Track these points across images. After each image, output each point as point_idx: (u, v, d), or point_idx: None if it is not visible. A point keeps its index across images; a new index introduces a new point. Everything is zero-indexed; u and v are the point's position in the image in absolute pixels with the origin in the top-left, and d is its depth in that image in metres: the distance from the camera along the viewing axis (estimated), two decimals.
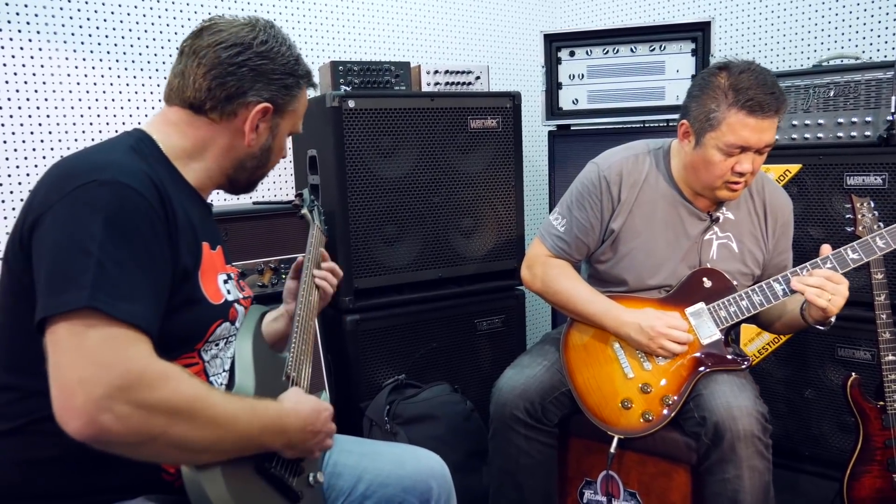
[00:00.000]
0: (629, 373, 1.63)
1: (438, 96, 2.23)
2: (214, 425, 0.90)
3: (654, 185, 1.68)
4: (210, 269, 1.09)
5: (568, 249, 1.74)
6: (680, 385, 1.59)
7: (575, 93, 2.46)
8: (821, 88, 2.19)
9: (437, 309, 2.27)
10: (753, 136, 1.49)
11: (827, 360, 2.23)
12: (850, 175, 2.13)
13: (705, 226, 1.67)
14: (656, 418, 1.59)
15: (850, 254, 1.55)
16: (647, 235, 1.66)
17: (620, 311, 1.63)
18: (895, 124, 2.07)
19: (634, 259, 1.67)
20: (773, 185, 1.77)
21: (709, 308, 1.61)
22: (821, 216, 2.20)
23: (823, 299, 1.47)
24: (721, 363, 1.60)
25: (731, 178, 1.55)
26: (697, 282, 1.64)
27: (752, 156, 1.53)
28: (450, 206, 2.26)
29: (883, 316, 1.89)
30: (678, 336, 1.56)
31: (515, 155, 2.35)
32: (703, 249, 1.67)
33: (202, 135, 1.12)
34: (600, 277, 1.76)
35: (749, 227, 1.69)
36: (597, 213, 1.69)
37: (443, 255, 2.27)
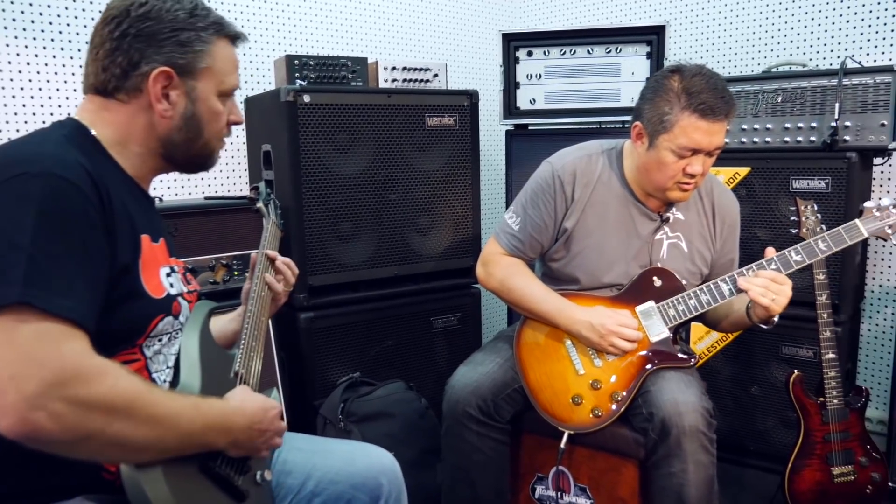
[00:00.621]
0: (580, 369, 1.66)
1: (396, 93, 2.22)
2: (155, 423, 0.88)
3: (607, 185, 1.70)
4: (151, 263, 1.06)
5: (522, 248, 1.76)
6: (629, 381, 1.63)
7: (532, 92, 2.48)
8: (769, 94, 2.26)
9: (392, 307, 2.27)
10: (705, 138, 1.53)
11: (772, 357, 2.30)
12: (796, 178, 2.20)
13: (656, 226, 1.71)
14: (605, 414, 1.62)
15: (793, 255, 1.60)
16: (600, 235, 1.69)
17: (572, 310, 1.65)
18: (838, 130, 2.14)
19: (587, 258, 1.70)
20: (721, 187, 1.82)
21: (658, 307, 1.65)
22: (768, 218, 2.27)
23: (767, 298, 1.52)
24: (669, 360, 1.64)
25: (683, 179, 1.58)
26: (648, 281, 1.67)
27: (703, 158, 1.57)
28: (406, 203, 2.26)
29: (824, 315, 1.97)
30: (628, 334, 1.60)
31: (472, 153, 2.36)
32: (654, 249, 1.70)
33: (120, 119, 1.08)
34: (553, 276, 1.78)
35: (698, 228, 1.73)
36: (550, 212, 1.71)
37: (399, 252, 2.27)
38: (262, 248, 1.38)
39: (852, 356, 2.46)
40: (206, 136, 1.13)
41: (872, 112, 2.11)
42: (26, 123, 2.12)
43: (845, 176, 2.13)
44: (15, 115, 2.10)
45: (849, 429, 1.98)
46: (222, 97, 1.14)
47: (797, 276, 2.16)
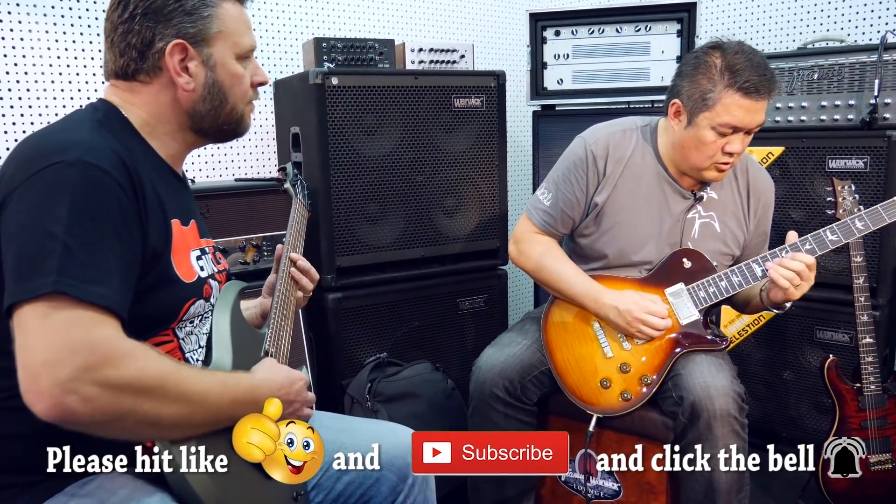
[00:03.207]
0: (608, 352, 1.63)
1: (422, 74, 2.18)
2: (185, 401, 0.89)
3: (641, 162, 1.66)
4: (182, 247, 1.05)
5: (554, 224, 1.72)
6: (659, 365, 1.59)
7: (560, 73, 2.43)
8: (805, 71, 2.18)
9: (419, 288, 2.25)
10: (747, 116, 1.50)
11: (806, 342, 2.24)
12: (833, 158, 2.12)
13: (689, 204, 1.66)
14: (635, 397, 1.58)
15: (829, 235, 1.55)
16: (631, 211, 1.66)
17: (601, 293, 1.62)
18: (877, 108, 2.05)
19: (617, 234, 1.66)
20: (756, 166, 1.76)
21: (688, 289, 1.60)
22: (803, 199, 2.19)
23: (793, 284, 1.47)
24: (699, 343, 1.60)
25: (721, 159, 1.55)
26: (677, 262, 1.63)
27: (742, 136, 1.53)
28: (433, 185, 2.23)
29: (861, 298, 1.90)
30: (654, 322, 1.56)
31: (499, 134, 2.31)
32: (686, 228, 1.66)
33: (145, 100, 1.07)
34: (582, 253, 1.75)
35: (732, 208, 1.69)
36: (582, 187, 1.67)
37: (426, 234, 2.24)
38: (291, 229, 1.37)
39: (891, 341, 2.38)
40: (231, 100, 1.11)
41: None
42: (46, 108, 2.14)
43: (885, 155, 2.04)
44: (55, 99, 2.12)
45: (887, 416, 1.91)
46: (241, 60, 1.11)
47: (833, 259, 2.12)
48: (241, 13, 1.11)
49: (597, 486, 1.73)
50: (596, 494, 1.72)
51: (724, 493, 1.47)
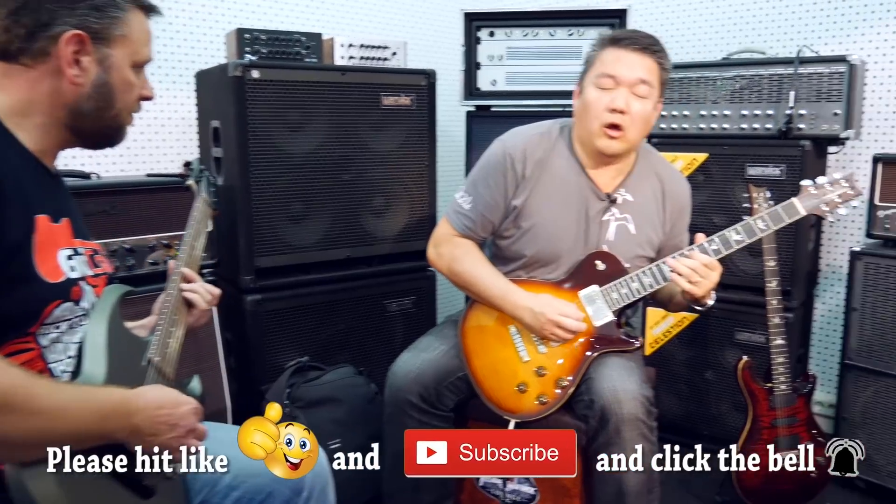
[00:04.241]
0: (525, 356, 1.62)
1: (350, 70, 2.13)
2: (37, 417, 0.81)
3: (558, 163, 1.67)
4: (48, 244, 0.97)
5: (473, 227, 1.71)
6: (574, 367, 1.59)
7: (494, 74, 2.42)
8: (728, 81, 2.23)
9: (345, 289, 2.20)
10: (622, 66, 1.56)
11: (726, 343, 2.29)
12: (752, 165, 2.18)
13: (604, 206, 1.67)
14: (551, 400, 1.58)
15: (733, 235, 1.57)
16: (549, 212, 1.66)
17: (517, 294, 1.61)
18: (793, 119, 2.12)
19: (536, 235, 1.66)
20: (672, 169, 1.79)
21: (601, 290, 1.61)
22: (724, 204, 2.24)
23: (689, 282, 1.50)
24: (613, 344, 1.61)
25: (607, 118, 1.56)
26: (591, 265, 1.64)
27: (626, 94, 1.56)
28: (361, 184, 2.18)
29: (773, 301, 1.95)
30: (568, 324, 1.56)
31: (430, 134, 2.28)
32: (602, 229, 1.67)
33: (22, 85, 0.98)
34: (502, 255, 1.74)
35: (647, 210, 1.70)
36: (501, 190, 1.67)
37: (352, 234, 2.19)
38: (190, 229, 1.29)
39: (804, 342, 2.47)
40: (118, 106, 1.05)
41: (826, 101, 2.09)
42: None
43: (799, 163, 2.11)
44: None
45: (795, 414, 1.97)
46: (135, 69, 1.06)
47: (751, 263, 2.17)
48: (146, 25, 1.08)
49: (514, 491, 1.71)
50: (513, 499, 1.70)
51: (634, 494, 1.47)
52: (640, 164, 1.70)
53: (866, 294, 2.08)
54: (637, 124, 1.58)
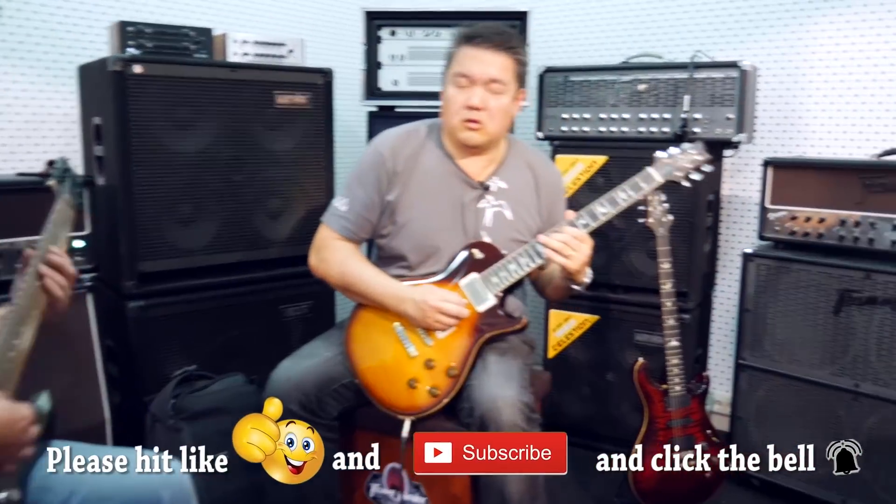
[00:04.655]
0: (412, 351, 1.61)
1: (241, 67, 2.06)
2: None
3: (429, 157, 1.71)
4: None
5: (352, 228, 1.72)
6: (463, 355, 1.60)
7: (395, 74, 2.39)
8: (626, 84, 2.25)
9: (238, 294, 2.12)
10: (475, 65, 1.60)
11: (626, 344, 2.32)
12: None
13: (478, 194, 1.70)
14: (443, 390, 1.57)
15: (598, 208, 1.62)
16: (423, 204, 1.69)
17: (399, 289, 1.62)
18: (688, 122, 2.16)
19: (413, 228, 1.69)
20: (543, 158, 1.85)
21: (481, 277, 1.63)
22: None
23: (561, 256, 1.54)
24: (498, 326, 1.63)
25: (465, 115, 1.62)
26: (468, 256, 1.65)
27: (482, 92, 1.61)
28: (254, 184, 2.11)
29: (668, 303, 1.97)
30: (450, 308, 1.56)
31: (327, 134, 2.24)
32: (478, 217, 1.70)
33: None
34: (385, 256, 1.75)
35: (523, 197, 1.74)
36: (375, 188, 1.69)
37: (245, 237, 2.12)
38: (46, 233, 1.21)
39: (703, 342, 2.53)
40: None
41: (720, 106, 2.14)
42: None
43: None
44: None
45: (690, 415, 1.99)
46: None
47: (650, 265, 2.19)
48: None
49: (404, 502, 1.67)
50: None
51: (517, 501, 1.46)
52: (512, 155, 1.75)
53: (758, 295, 2.13)
54: (496, 118, 1.64)
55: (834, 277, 1.97)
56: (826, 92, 2.34)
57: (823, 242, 2.04)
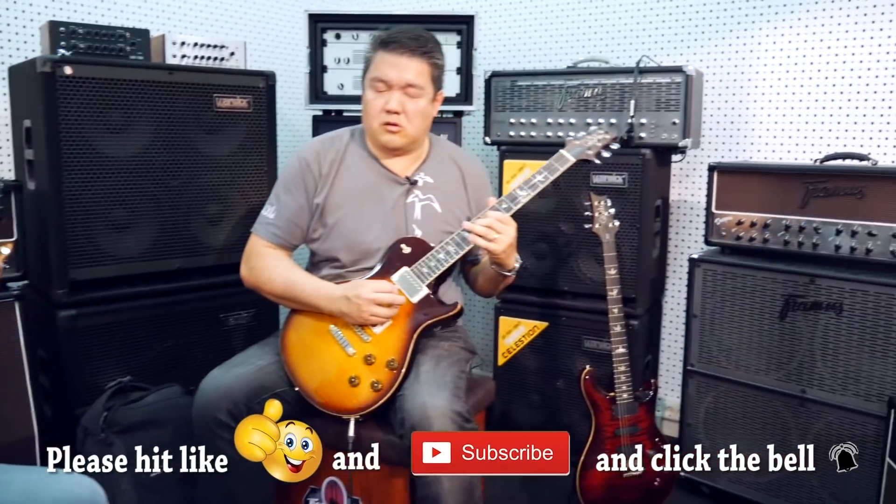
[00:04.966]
0: (350, 350, 1.60)
1: (179, 70, 2.03)
2: None
3: (353, 157, 1.75)
4: None
5: (282, 234, 1.73)
6: (402, 346, 1.60)
7: (340, 77, 2.37)
8: (573, 89, 2.25)
9: (176, 303, 2.08)
10: (391, 71, 1.65)
11: (575, 351, 2.31)
12: (597, 174, 2.21)
13: (405, 189, 1.74)
14: (385, 384, 1.57)
15: (518, 192, 1.67)
16: (351, 203, 1.72)
17: (330, 288, 1.63)
18: (634, 127, 2.16)
19: (342, 228, 1.71)
20: (467, 154, 1.92)
21: (411, 269, 1.65)
22: (571, 212, 2.26)
23: (488, 238, 1.57)
24: (434, 314, 1.66)
25: (384, 119, 1.67)
26: (397, 251, 1.68)
27: (399, 96, 1.66)
28: (192, 190, 2.08)
29: (615, 310, 1.96)
30: (384, 298, 1.57)
31: (268, 138, 2.21)
32: (408, 211, 1.73)
33: None
34: (317, 259, 1.77)
35: (450, 190, 1.79)
36: (302, 192, 1.73)
37: (183, 243, 2.08)
38: None
39: (653, 349, 2.53)
40: None
41: (665, 111, 2.15)
42: None
43: (640, 171, 2.16)
44: None
45: (637, 423, 1.98)
46: None
47: (599, 270, 2.16)
48: None
49: None
50: None
51: None
52: (436, 152, 1.81)
53: (705, 300, 2.13)
54: (414, 121, 1.69)
55: (779, 283, 1.97)
56: (771, 97, 2.36)
57: (769, 248, 2.04)
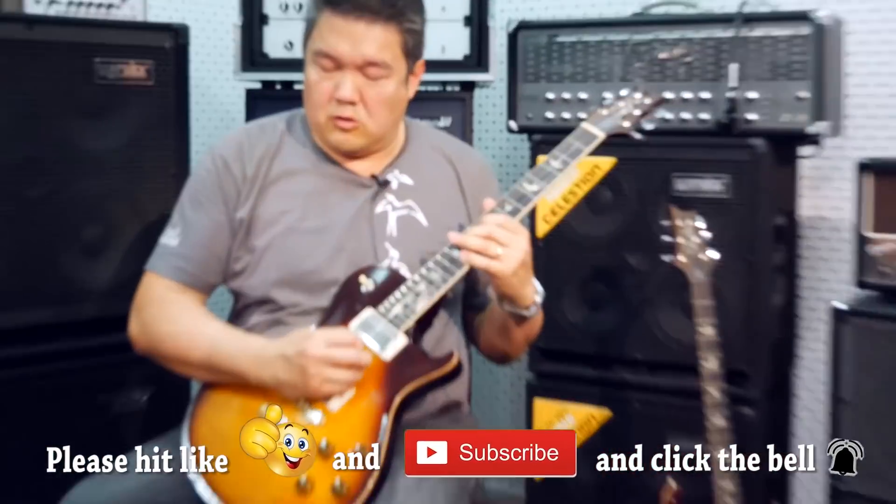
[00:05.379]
0: None
1: (42, 22, 2.11)
2: None
3: (292, 156, 1.80)
4: None
5: (191, 269, 1.75)
6: (372, 426, 1.59)
7: (288, 32, 2.43)
8: (643, 46, 2.28)
9: (35, 377, 2.14)
10: (343, 42, 1.66)
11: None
12: (680, 177, 2.23)
13: (372, 192, 1.78)
14: (354, 486, 1.56)
15: (526, 186, 1.69)
16: (290, 217, 1.75)
17: (261, 347, 1.62)
18: (738, 104, 2.16)
19: (278, 253, 1.74)
20: (459, 142, 1.99)
21: (379, 311, 1.66)
22: (642, 236, 2.27)
23: (488, 255, 1.56)
24: (423, 371, 1.64)
25: (335, 111, 1.70)
26: (353, 287, 1.70)
27: (355, 77, 1.68)
28: (62, 203, 2.15)
29: (712, 391, 1.94)
30: (343, 356, 1.55)
31: (178, 124, 2.29)
32: (377, 226, 1.77)
33: None
34: (241, 304, 1.80)
35: (439, 194, 1.83)
36: (219, 204, 1.75)
37: (47, 285, 2.14)
38: None
39: (780, 449, 2.40)
40: None
41: (786, 79, 2.16)
42: None
43: (750, 173, 2.17)
44: None
45: None
46: None
47: (685, 328, 2.13)
48: None
49: None
50: None
51: None
52: (415, 142, 1.86)
53: (861, 376, 2.10)
54: (378, 113, 1.72)
55: None
56: None
57: None
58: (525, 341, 1.81)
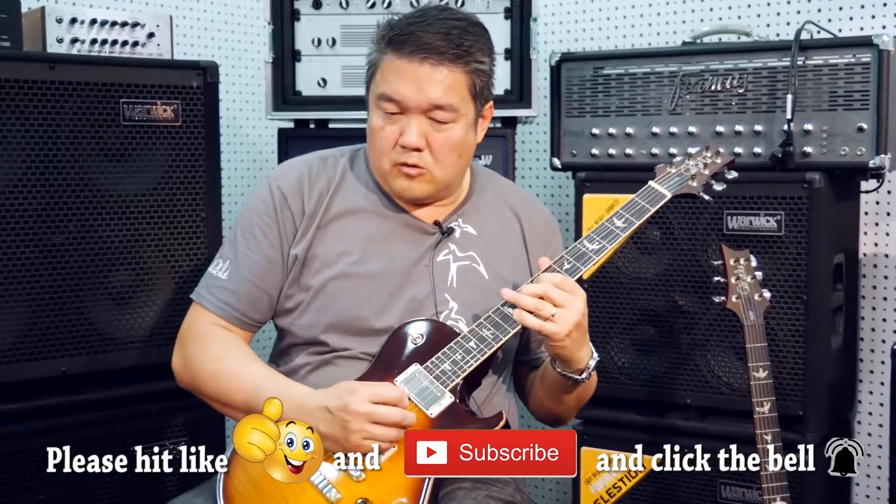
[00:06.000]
0: (333, 496, 1.57)
1: (65, 62, 2.08)
2: None
3: (353, 192, 1.80)
4: None
5: (239, 306, 1.76)
6: (415, 488, 1.59)
7: (321, 68, 2.43)
8: (693, 78, 2.26)
9: (59, 428, 2.07)
10: (407, 84, 1.64)
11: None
12: (733, 214, 2.20)
13: (434, 240, 1.78)
14: None
15: (587, 244, 1.69)
16: (349, 260, 1.75)
17: (303, 395, 1.62)
18: (794, 138, 2.13)
19: (334, 297, 1.74)
20: (526, 194, 2.00)
21: (426, 367, 1.66)
22: (692, 276, 2.26)
23: (541, 315, 1.55)
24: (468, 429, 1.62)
25: (399, 158, 1.69)
26: (400, 341, 1.70)
27: (420, 122, 1.66)
28: (88, 250, 2.12)
29: (767, 437, 1.89)
30: (386, 414, 1.54)
31: (209, 166, 2.27)
32: (437, 274, 1.76)
33: None
34: (287, 343, 1.80)
35: (503, 248, 1.83)
36: (274, 237, 1.76)
37: (75, 335, 2.11)
38: None
39: (840, 502, 2.46)
40: None
41: (846, 109, 2.12)
42: None
43: (807, 210, 2.13)
44: None
45: None
46: None
47: (737, 371, 2.17)
48: None
49: None
50: None
51: None
52: (480, 190, 1.86)
53: None
54: (445, 159, 1.69)
55: None
56: None
57: None
58: (577, 405, 1.79)
